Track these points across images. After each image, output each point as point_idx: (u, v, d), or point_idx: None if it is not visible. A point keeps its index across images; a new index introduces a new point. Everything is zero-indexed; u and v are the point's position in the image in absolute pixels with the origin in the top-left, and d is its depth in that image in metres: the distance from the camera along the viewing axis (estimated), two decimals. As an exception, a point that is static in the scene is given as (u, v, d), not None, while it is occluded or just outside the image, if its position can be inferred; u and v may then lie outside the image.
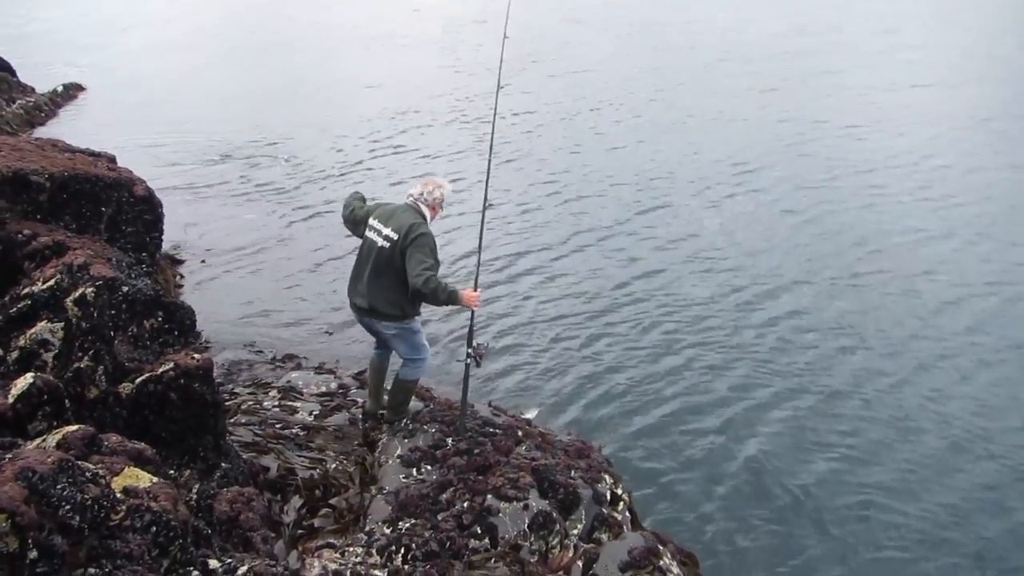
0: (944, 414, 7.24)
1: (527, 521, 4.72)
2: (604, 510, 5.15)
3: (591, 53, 25.79)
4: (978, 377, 7.91)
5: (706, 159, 15.01)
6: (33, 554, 2.40)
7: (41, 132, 15.23)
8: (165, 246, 8.77)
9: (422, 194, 5.24)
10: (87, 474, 2.70)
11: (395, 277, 5.11)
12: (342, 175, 14.10)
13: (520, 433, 5.70)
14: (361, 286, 5.25)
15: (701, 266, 10.23)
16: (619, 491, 5.47)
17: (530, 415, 6.95)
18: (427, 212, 5.24)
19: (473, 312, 5.40)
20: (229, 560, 2.94)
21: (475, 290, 5.22)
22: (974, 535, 5.89)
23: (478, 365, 5.51)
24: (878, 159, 14.84)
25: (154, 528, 2.78)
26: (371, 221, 5.26)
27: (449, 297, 4.99)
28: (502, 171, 13.95)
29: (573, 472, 5.28)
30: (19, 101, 17.65)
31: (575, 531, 4.93)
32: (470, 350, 5.35)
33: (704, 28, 30.53)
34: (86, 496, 2.61)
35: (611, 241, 11.16)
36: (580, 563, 4.62)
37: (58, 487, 2.54)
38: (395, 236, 5.07)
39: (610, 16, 33.65)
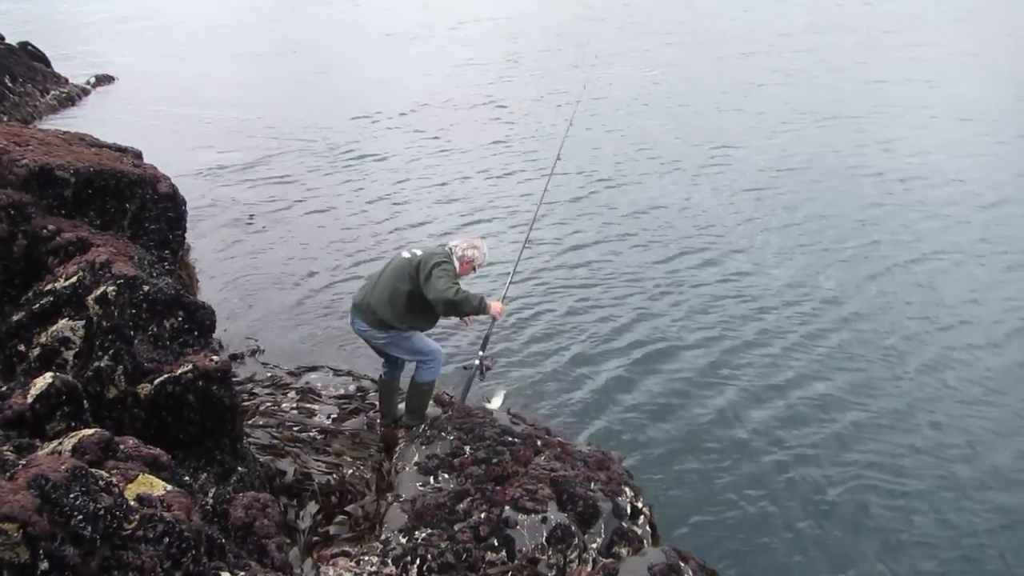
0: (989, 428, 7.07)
1: (545, 534, 4.63)
2: (624, 524, 5.05)
3: (611, 48, 26.03)
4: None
5: (707, 148, 15.37)
6: (44, 565, 2.35)
7: (71, 122, 15.41)
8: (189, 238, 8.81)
9: (456, 246, 5.53)
10: (101, 482, 2.65)
11: (399, 288, 5.31)
12: (368, 162, 14.27)
13: (539, 443, 5.61)
14: (367, 286, 5.53)
15: (724, 273, 10.06)
16: (639, 504, 5.36)
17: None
18: (456, 264, 5.44)
19: (493, 321, 5.62)
20: (242, 573, 2.88)
21: (502, 301, 5.47)
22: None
23: (482, 376, 5.76)
24: (865, 144, 15.59)
25: (167, 539, 2.73)
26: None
27: (480, 305, 5.24)
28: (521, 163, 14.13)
29: (593, 484, 5.17)
30: (52, 92, 17.91)
31: (594, 545, 4.83)
32: (483, 353, 5.60)
33: (713, 26, 30.72)
34: (99, 505, 2.56)
35: (629, 241, 11.10)
36: (599, 579, 4.53)
37: (71, 496, 2.49)
38: (420, 254, 5.38)
39: (626, 14, 33.86)
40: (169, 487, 2.96)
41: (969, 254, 10.69)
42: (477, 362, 5.70)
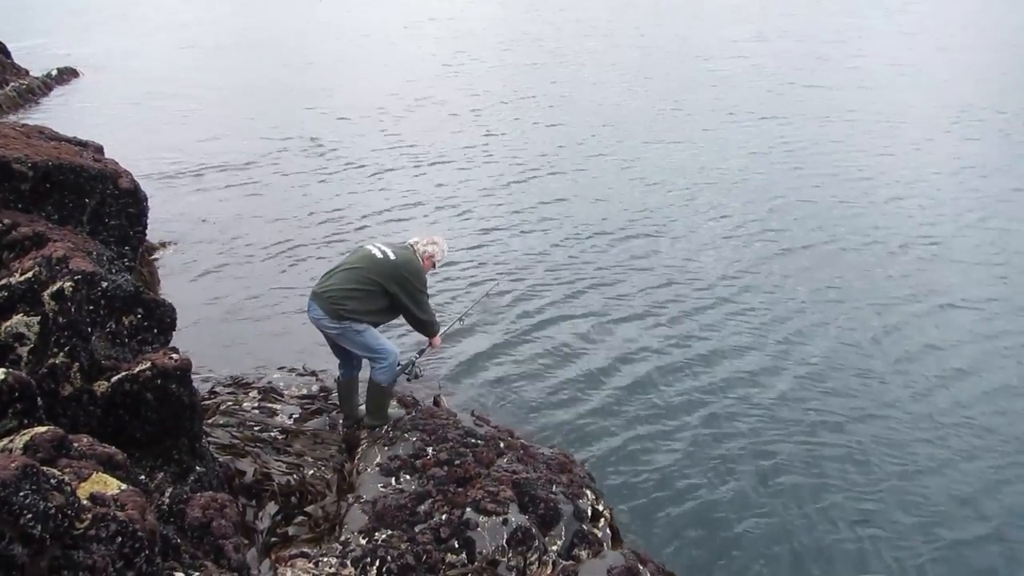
0: (935, 429, 7.24)
1: (506, 536, 4.64)
2: (584, 527, 5.07)
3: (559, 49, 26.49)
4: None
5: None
6: (-9, 564, 2.31)
7: (32, 116, 15.09)
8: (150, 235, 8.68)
9: (418, 243, 5.70)
10: (52, 481, 2.61)
11: (362, 282, 5.35)
12: (328, 159, 14.28)
13: (502, 445, 5.63)
14: (328, 274, 5.55)
15: (686, 278, 10.12)
16: (600, 507, 5.40)
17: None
18: (420, 262, 5.66)
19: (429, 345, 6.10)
20: (197, 574, 2.85)
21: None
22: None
23: (411, 378, 6.13)
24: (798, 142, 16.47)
25: (120, 538, 2.69)
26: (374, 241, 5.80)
27: (435, 332, 5.86)
28: (476, 169, 14.28)
29: (554, 487, 5.20)
30: (12, 83, 17.51)
31: (554, 548, 4.85)
32: (418, 358, 6.12)
33: (665, 33, 31.45)
34: (50, 504, 2.52)
35: (585, 238, 11.26)
36: (558, 581, 4.55)
37: (20, 494, 2.44)
38: (393, 257, 5.43)
39: (583, 17, 34.43)
40: (123, 486, 2.93)
41: (891, 244, 11.33)
42: (414, 362, 6.05)
